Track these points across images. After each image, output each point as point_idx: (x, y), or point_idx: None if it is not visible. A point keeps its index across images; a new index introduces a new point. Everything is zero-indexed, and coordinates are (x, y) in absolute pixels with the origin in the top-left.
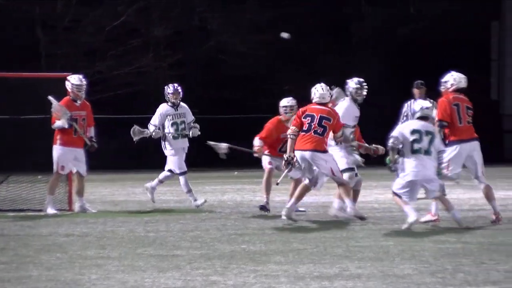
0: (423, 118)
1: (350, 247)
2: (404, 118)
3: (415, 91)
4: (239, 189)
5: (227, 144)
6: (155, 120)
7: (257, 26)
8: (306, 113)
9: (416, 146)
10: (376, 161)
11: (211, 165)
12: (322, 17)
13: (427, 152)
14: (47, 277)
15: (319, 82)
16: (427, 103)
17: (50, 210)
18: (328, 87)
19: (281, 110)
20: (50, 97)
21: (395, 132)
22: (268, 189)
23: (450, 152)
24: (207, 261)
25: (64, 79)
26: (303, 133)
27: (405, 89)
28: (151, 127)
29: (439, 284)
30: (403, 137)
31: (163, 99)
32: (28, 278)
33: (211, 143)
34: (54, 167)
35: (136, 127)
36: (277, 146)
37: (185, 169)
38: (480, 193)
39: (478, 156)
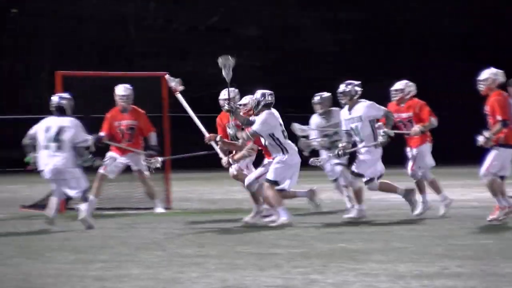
0: None
1: (450, 246)
2: None
3: (510, 89)
4: None
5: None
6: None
7: (347, 25)
8: None
9: None
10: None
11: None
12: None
13: None
14: (147, 275)
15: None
16: None
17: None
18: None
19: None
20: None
21: None
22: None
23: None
24: (306, 260)
25: (158, 78)
26: None
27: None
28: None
29: None
30: None
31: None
32: (128, 277)
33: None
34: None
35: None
36: None
37: None
38: None
39: None
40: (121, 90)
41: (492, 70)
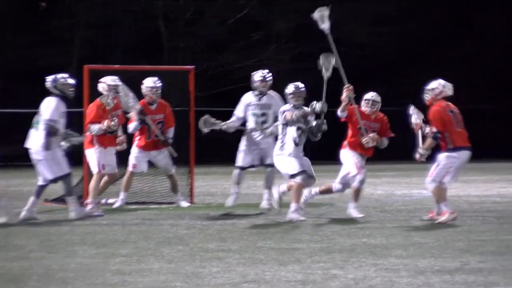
0: None
1: (471, 241)
2: None
3: None
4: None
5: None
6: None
7: (379, 17)
8: None
9: None
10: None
11: (331, 157)
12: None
13: None
14: (168, 270)
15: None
16: None
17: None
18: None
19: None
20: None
21: None
22: None
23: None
24: (327, 255)
25: (186, 72)
26: None
27: None
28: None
29: None
30: None
31: (281, 94)
32: (149, 271)
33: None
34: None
35: (207, 117)
36: None
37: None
38: None
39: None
40: (151, 82)
41: (441, 81)
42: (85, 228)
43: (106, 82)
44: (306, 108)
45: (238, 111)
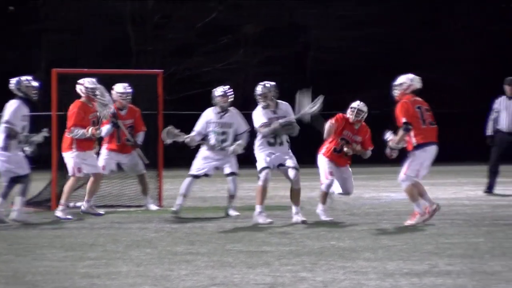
0: None
1: (439, 244)
2: (495, 114)
3: (507, 87)
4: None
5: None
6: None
7: (348, 22)
8: None
9: None
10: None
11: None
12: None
13: None
14: (137, 273)
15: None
16: None
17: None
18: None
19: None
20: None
21: None
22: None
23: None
24: (296, 258)
25: (154, 75)
26: None
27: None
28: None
29: None
30: None
31: (249, 98)
32: (117, 274)
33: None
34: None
35: (170, 128)
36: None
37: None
38: None
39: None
40: (121, 88)
41: (409, 75)
42: (53, 231)
43: (84, 84)
44: (280, 121)
45: (198, 127)
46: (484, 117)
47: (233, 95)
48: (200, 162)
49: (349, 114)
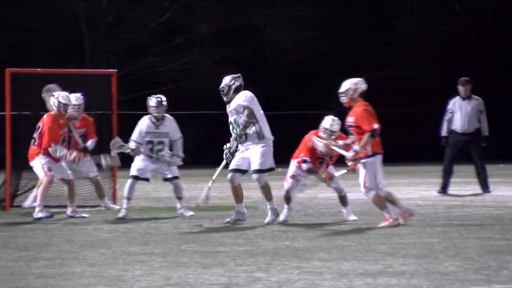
0: None
1: (394, 244)
2: (450, 115)
3: (460, 88)
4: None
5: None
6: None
7: (303, 22)
8: None
9: None
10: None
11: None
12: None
13: None
14: (91, 273)
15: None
16: None
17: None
18: None
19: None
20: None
21: None
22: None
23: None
24: (250, 258)
25: (108, 75)
26: None
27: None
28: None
29: (484, 281)
30: None
31: (204, 98)
32: (71, 274)
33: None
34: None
35: (117, 139)
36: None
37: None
38: None
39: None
40: (73, 100)
41: (352, 80)
42: (7, 232)
43: (58, 98)
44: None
45: (135, 136)
46: (439, 117)
47: (166, 103)
48: (140, 164)
49: (322, 133)
